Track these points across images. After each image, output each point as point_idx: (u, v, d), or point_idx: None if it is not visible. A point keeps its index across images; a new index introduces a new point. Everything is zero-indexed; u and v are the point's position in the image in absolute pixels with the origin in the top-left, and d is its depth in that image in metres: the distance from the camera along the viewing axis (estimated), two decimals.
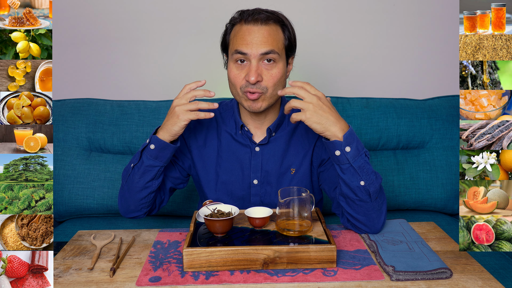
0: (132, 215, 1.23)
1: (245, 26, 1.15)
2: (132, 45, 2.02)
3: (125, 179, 1.20)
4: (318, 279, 0.92)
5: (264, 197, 1.28)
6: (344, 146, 1.04)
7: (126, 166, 1.22)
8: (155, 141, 1.13)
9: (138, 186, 1.17)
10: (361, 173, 1.05)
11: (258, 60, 1.14)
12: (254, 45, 1.13)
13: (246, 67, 1.15)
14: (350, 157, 1.05)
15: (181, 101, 1.11)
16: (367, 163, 1.07)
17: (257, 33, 1.14)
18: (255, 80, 1.13)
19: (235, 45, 1.16)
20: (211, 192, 1.29)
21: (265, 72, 1.15)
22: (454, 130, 1.76)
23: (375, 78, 2.07)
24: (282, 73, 1.18)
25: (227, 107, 1.33)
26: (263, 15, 1.15)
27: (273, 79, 1.15)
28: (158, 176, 1.18)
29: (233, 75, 1.17)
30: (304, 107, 1.05)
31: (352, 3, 2.01)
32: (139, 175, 1.16)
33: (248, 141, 1.27)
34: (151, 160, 1.14)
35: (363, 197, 1.07)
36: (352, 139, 1.05)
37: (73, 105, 1.78)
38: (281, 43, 1.17)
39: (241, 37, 1.15)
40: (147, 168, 1.15)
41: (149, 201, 1.21)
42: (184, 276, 0.94)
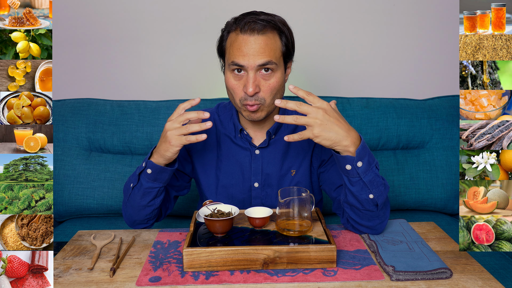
0: (139, 227, 1.23)
1: (241, 36, 1.11)
2: (132, 45, 2.02)
3: (127, 197, 1.19)
4: (318, 279, 0.92)
5: (265, 200, 1.27)
6: (356, 161, 1.00)
7: (125, 183, 1.19)
8: (151, 166, 1.10)
9: (140, 205, 1.17)
10: (370, 187, 1.02)
11: (256, 71, 1.11)
12: (251, 56, 1.10)
13: (243, 77, 1.13)
14: (361, 172, 1.01)
15: (173, 124, 1.05)
16: (377, 176, 1.03)
17: (254, 43, 1.10)
18: (253, 92, 1.11)
19: (231, 56, 1.13)
20: (212, 195, 1.29)
21: (262, 83, 1.13)
22: (454, 130, 1.76)
23: (375, 78, 2.07)
24: (280, 81, 1.15)
25: (226, 110, 1.32)
26: (259, 25, 1.10)
27: (271, 89, 1.13)
28: (160, 194, 1.16)
29: (231, 85, 1.15)
30: (310, 123, 0.97)
31: (352, 3, 2.01)
32: (140, 196, 1.15)
33: (247, 144, 1.27)
34: (150, 182, 1.13)
35: (370, 208, 1.06)
36: (364, 153, 1.00)
37: (73, 105, 1.78)
38: (278, 52, 1.14)
39: (237, 48, 1.11)
40: (147, 190, 1.14)
41: (154, 215, 1.21)
42: (184, 276, 0.94)
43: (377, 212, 1.07)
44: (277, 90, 1.16)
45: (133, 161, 1.75)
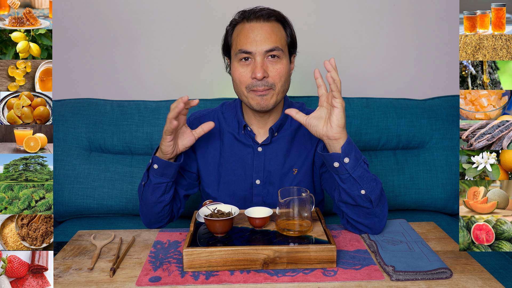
0: (155, 226, 1.26)
1: (248, 24, 1.16)
2: (132, 45, 2.02)
3: (140, 196, 1.24)
4: (318, 279, 0.92)
5: (267, 197, 1.28)
6: (343, 158, 1.02)
7: (139, 184, 1.24)
8: (157, 161, 1.15)
9: (151, 202, 1.20)
10: (361, 182, 1.04)
11: (263, 56, 1.14)
12: (258, 42, 1.13)
13: (251, 64, 1.16)
14: (349, 168, 1.03)
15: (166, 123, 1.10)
16: (367, 171, 1.05)
17: (260, 30, 1.14)
18: (262, 75, 1.13)
19: (238, 44, 1.16)
20: (213, 192, 1.30)
21: (270, 68, 1.15)
22: (454, 130, 1.76)
23: (375, 78, 2.07)
24: (287, 69, 1.18)
25: (230, 107, 1.33)
26: (265, 12, 1.16)
27: (279, 74, 1.16)
28: (169, 190, 1.20)
29: (238, 74, 1.17)
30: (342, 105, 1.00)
31: (352, 3, 2.01)
32: (150, 192, 1.19)
33: (250, 141, 1.27)
34: (158, 178, 1.16)
35: (365, 204, 1.07)
36: (350, 149, 1.03)
37: (73, 105, 1.78)
38: (283, 40, 1.18)
39: (245, 35, 1.15)
40: (156, 186, 1.17)
41: (166, 213, 1.24)
42: (184, 276, 0.94)
43: (373, 209, 1.07)
44: (285, 78, 1.18)
45: (133, 161, 1.75)
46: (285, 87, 1.20)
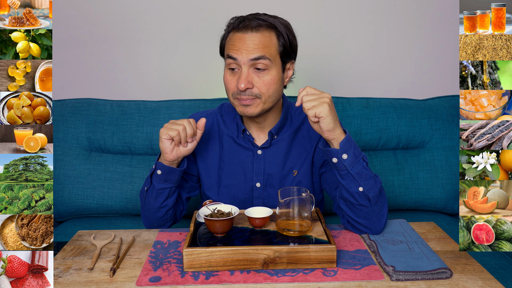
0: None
1: (237, 34, 1.15)
2: (132, 45, 2.02)
3: (143, 201, 1.24)
4: (318, 279, 0.92)
5: (267, 200, 1.28)
6: (341, 154, 1.04)
7: (141, 189, 1.25)
8: (160, 167, 1.15)
9: (155, 207, 1.21)
10: (359, 179, 1.05)
11: (249, 67, 1.14)
12: (244, 51, 1.13)
13: (238, 74, 1.16)
14: (347, 164, 1.04)
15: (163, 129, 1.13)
16: (365, 169, 1.06)
17: (247, 40, 1.14)
18: (245, 87, 1.13)
19: (227, 51, 1.17)
20: (214, 195, 1.30)
21: (256, 79, 1.15)
22: (454, 130, 1.76)
23: (375, 78, 2.07)
24: (277, 79, 1.17)
25: (229, 110, 1.33)
26: (254, 22, 1.14)
27: (266, 85, 1.15)
28: (172, 195, 1.20)
29: (226, 80, 1.19)
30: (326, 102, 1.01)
31: (352, 3, 2.01)
32: (153, 197, 1.19)
33: (250, 145, 1.27)
34: (161, 183, 1.17)
35: (363, 202, 1.07)
36: (349, 146, 1.04)
37: (73, 105, 1.78)
38: (273, 49, 1.16)
39: (232, 44, 1.16)
40: (159, 191, 1.18)
41: (169, 217, 1.24)
42: (184, 276, 0.94)
43: (371, 208, 1.08)
44: (275, 87, 1.17)
45: (133, 161, 1.75)
46: (275, 96, 1.18)
